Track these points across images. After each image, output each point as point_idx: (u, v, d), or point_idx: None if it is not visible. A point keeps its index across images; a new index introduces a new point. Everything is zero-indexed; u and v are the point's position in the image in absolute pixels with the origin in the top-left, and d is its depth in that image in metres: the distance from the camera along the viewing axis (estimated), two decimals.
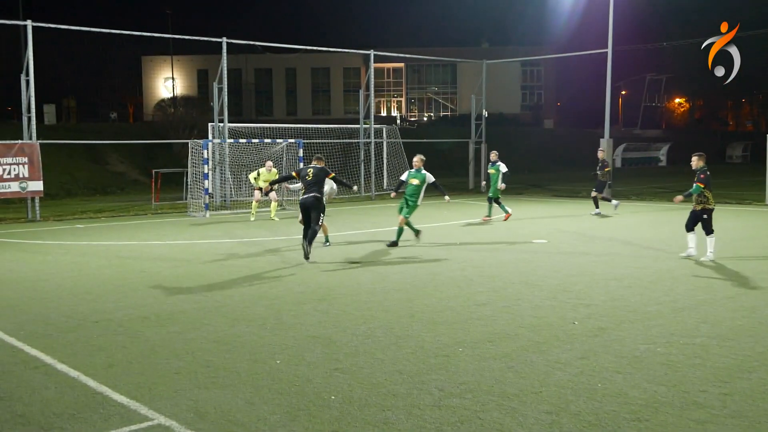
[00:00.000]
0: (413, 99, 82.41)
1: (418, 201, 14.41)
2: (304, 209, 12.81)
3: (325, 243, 14.63)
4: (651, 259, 12.49)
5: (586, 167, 39.86)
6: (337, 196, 16.62)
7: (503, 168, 19.34)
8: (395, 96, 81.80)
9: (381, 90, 78.25)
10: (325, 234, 14.92)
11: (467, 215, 21.01)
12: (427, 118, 79.31)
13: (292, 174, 13.75)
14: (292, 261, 12.61)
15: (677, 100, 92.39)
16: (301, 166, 13.74)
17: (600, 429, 5.02)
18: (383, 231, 17.30)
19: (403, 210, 14.39)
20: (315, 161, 13.28)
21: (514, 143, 56.18)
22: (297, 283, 10.52)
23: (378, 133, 30.58)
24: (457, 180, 35.22)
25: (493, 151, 20.06)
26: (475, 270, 11.52)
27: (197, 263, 12.58)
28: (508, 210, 19.43)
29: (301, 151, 23.97)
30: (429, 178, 14.42)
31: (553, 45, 64.41)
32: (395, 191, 15.64)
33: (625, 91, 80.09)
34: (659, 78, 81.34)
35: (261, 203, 21.00)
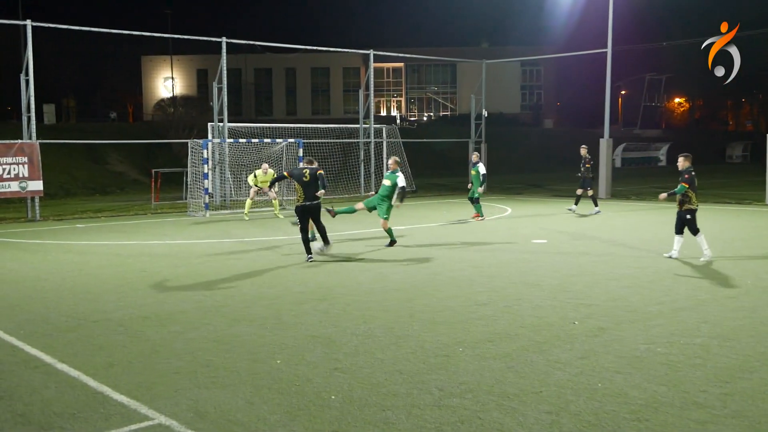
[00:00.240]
0: (413, 99, 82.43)
1: (391, 202, 14.12)
2: (306, 213, 12.74)
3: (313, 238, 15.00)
4: (651, 259, 12.49)
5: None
6: (326, 196, 16.67)
7: (482, 170, 19.57)
8: (395, 96, 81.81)
9: (381, 90, 78.26)
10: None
11: (466, 215, 20.99)
12: (427, 117, 79.32)
13: (284, 174, 13.51)
14: (292, 261, 12.61)
15: (677, 100, 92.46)
16: (298, 166, 13.55)
17: (600, 429, 5.02)
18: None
19: (380, 211, 14.12)
20: (307, 162, 13.23)
21: (513, 143, 56.25)
22: (297, 283, 10.52)
23: (378, 133, 30.57)
24: (457, 180, 35.23)
25: (475, 152, 20.39)
26: (475, 270, 11.52)
27: (197, 263, 12.58)
28: (482, 213, 19.77)
29: (301, 151, 23.97)
30: (399, 181, 14.04)
31: (553, 45, 64.44)
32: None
33: (625, 91, 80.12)
34: (659, 78, 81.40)
35: (256, 203, 21.02)
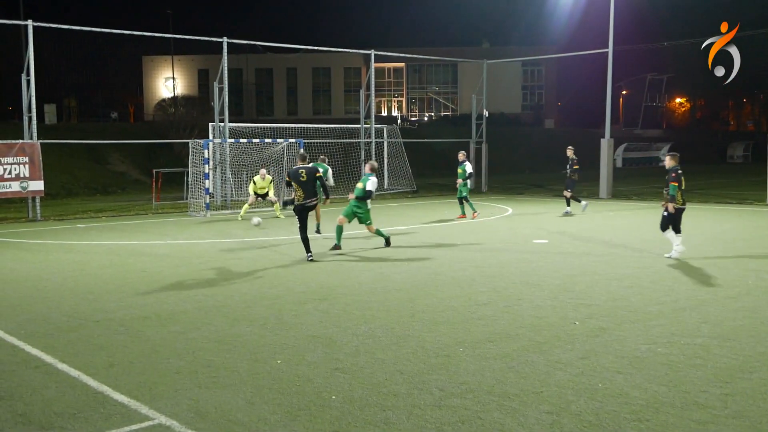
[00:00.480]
0: (414, 99, 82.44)
1: (367, 206, 13.89)
2: (305, 212, 12.72)
3: (317, 232, 15.31)
4: (652, 259, 12.49)
5: (586, 167, 39.91)
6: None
7: (469, 168, 19.74)
8: (396, 96, 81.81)
9: (382, 90, 78.27)
10: (318, 222, 15.49)
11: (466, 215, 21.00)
12: (428, 118, 79.32)
13: (288, 181, 13.01)
14: (292, 261, 12.61)
15: (678, 99, 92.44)
16: (294, 167, 13.37)
17: (601, 429, 5.02)
18: (383, 231, 17.28)
19: (362, 219, 13.89)
20: (300, 159, 13.16)
21: (514, 143, 56.26)
22: (298, 283, 10.52)
23: (379, 133, 30.56)
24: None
25: (461, 151, 20.45)
26: (477, 270, 11.52)
27: (198, 263, 12.58)
28: (465, 212, 19.96)
29: (302, 151, 23.94)
30: (367, 185, 13.79)
31: (554, 45, 64.50)
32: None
33: (626, 91, 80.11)
34: (660, 78, 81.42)
35: (253, 207, 21.02)
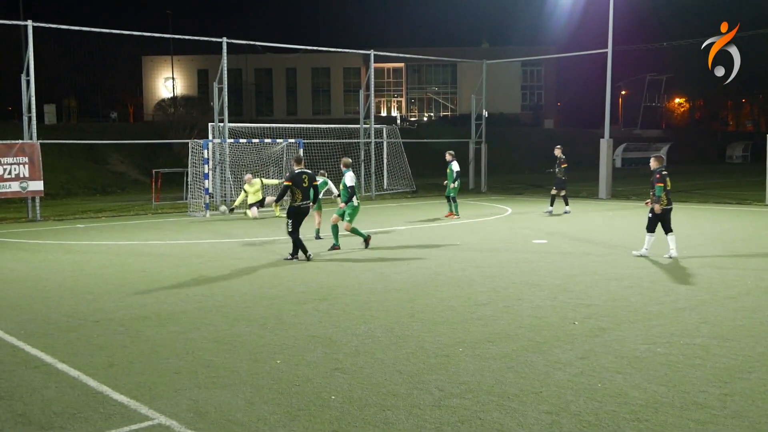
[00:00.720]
0: (413, 99, 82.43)
1: (352, 201, 13.67)
2: (300, 215, 12.57)
3: (317, 238, 15.27)
4: (651, 259, 12.49)
5: (586, 168, 39.93)
6: (326, 195, 16.64)
7: (455, 167, 19.87)
8: (395, 96, 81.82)
9: (381, 90, 78.28)
10: (318, 227, 15.58)
11: (466, 215, 21.01)
12: (427, 118, 79.34)
13: (287, 184, 12.69)
14: (292, 261, 12.60)
15: (677, 100, 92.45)
16: (293, 171, 13.10)
17: (600, 429, 5.02)
18: (383, 231, 17.31)
19: (346, 217, 13.77)
20: (296, 162, 12.97)
21: (514, 143, 56.27)
22: (297, 283, 10.52)
23: (378, 133, 30.57)
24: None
25: (449, 151, 20.50)
26: (476, 270, 11.52)
27: (198, 263, 12.58)
28: (455, 211, 20.08)
29: (301, 152, 23.97)
30: (346, 182, 13.57)
31: (553, 45, 64.50)
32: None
33: (625, 91, 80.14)
34: (659, 78, 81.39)
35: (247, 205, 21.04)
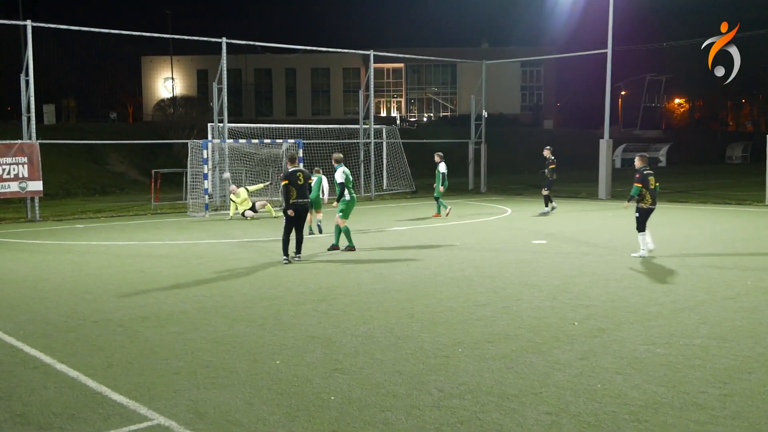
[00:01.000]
0: (413, 99, 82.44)
1: (349, 196, 13.58)
2: (297, 213, 12.42)
3: (310, 233, 15.39)
4: (651, 260, 12.49)
5: (586, 168, 39.95)
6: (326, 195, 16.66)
7: (442, 168, 20.12)
8: (395, 96, 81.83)
9: (381, 90, 78.28)
10: (310, 224, 15.67)
11: (466, 215, 21.02)
12: (427, 118, 79.34)
13: (284, 184, 12.41)
14: (290, 260, 12.59)
15: (677, 100, 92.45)
16: (289, 170, 12.88)
17: (600, 430, 5.02)
18: (383, 231, 17.31)
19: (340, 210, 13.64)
20: (289, 161, 12.81)
21: (514, 144, 56.26)
22: (297, 284, 10.52)
23: (378, 134, 30.57)
24: (457, 180, 35.24)
25: (437, 153, 20.65)
26: (476, 270, 11.52)
27: (197, 263, 12.57)
28: (440, 212, 20.37)
29: (301, 152, 23.97)
30: (337, 179, 13.50)
31: (553, 45, 64.53)
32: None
33: (625, 92, 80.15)
34: (659, 78, 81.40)
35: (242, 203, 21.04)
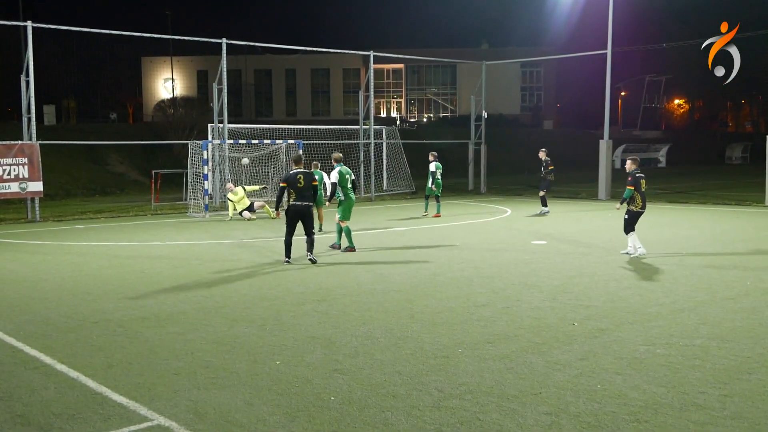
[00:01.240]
0: (413, 100, 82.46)
1: (344, 196, 13.53)
2: (295, 216, 12.24)
3: (319, 230, 15.48)
4: (651, 260, 12.49)
5: (586, 169, 39.95)
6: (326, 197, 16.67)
7: (432, 168, 20.33)
8: (395, 97, 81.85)
9: (381, 91, 78.29)
10: (320, 222, 15.69)
11: (466, 216, 21.03)
12: (427, 119, 79.35)
13: (282, 186, 12.41)
14: (291, 261, 12.59)
15: (677, 101, 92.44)
16: (289, 172, 12.80)
17: (599, 430, 5.02)
18: (383, 232, 17.31)
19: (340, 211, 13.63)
20: (295, 162, 12.62)
21: (513, 144, 56.22)
22: (297, 284, 10.52)
23: (378, 134, 30.57)
24: (457, 181, 35.26)
25: (431, 153, 20.75)
26: (475, 271, 11.52)
27: (197, 264, 12.57)
28: (427, 211, 20.73)
29: (301, 152, 23.97)
30: (332, 178, 13.46)
31: (553, 46, 64.53)
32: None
33: (625, 92, 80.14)
34: (659, 79, 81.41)
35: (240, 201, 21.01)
